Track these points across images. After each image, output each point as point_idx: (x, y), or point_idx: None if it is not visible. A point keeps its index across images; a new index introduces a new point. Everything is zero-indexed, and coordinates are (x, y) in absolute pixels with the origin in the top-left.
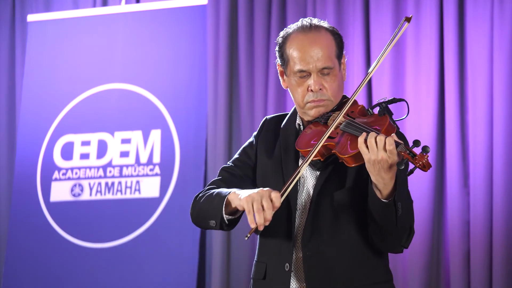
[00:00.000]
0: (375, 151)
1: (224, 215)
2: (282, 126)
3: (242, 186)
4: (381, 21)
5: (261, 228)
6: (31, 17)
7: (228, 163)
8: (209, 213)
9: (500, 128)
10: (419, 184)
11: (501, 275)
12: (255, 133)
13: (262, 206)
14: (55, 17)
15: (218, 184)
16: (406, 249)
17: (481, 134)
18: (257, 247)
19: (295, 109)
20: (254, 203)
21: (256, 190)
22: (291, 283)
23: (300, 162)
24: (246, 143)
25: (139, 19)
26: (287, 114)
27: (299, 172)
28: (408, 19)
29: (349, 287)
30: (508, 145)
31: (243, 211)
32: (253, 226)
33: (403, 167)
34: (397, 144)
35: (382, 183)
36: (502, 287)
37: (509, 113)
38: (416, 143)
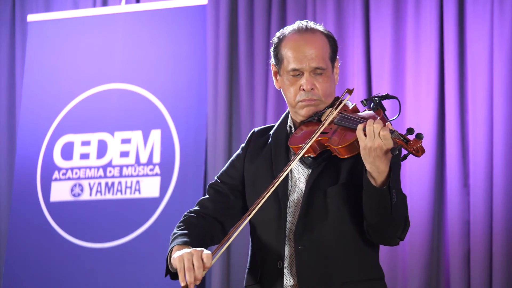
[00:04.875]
0: (372, 138)
1: (170, 268)
2: (272, 131)
3: (226, 204)
4: (381, 21)
5: (191, 287)
6: (31, 17)
7: (216, 177)
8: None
9: (500, 128)
10: (419, 184)
11: (501, 275)
12: (243, 145)
13: (193, 265)
14: (55, 17)
15: (202, 204)
16: (407, 249)
17: (481, 134)
18: (249, 255)
19: (285, 114)
20: (185, 261)
21: (189, 250)
22: (284, 279)
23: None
24: (234, 156)
25: (139, 19)
26: (275, 125)
27: (289, 167)
28: (349, 91)
29: (340, 283)
30: (508, 145)
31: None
32: (183, 284)
33: (396, 153)
34: (391, 131)
35: (376, 171)
36: (502, 287)
37: (509, 113)
38: (410, 130)
